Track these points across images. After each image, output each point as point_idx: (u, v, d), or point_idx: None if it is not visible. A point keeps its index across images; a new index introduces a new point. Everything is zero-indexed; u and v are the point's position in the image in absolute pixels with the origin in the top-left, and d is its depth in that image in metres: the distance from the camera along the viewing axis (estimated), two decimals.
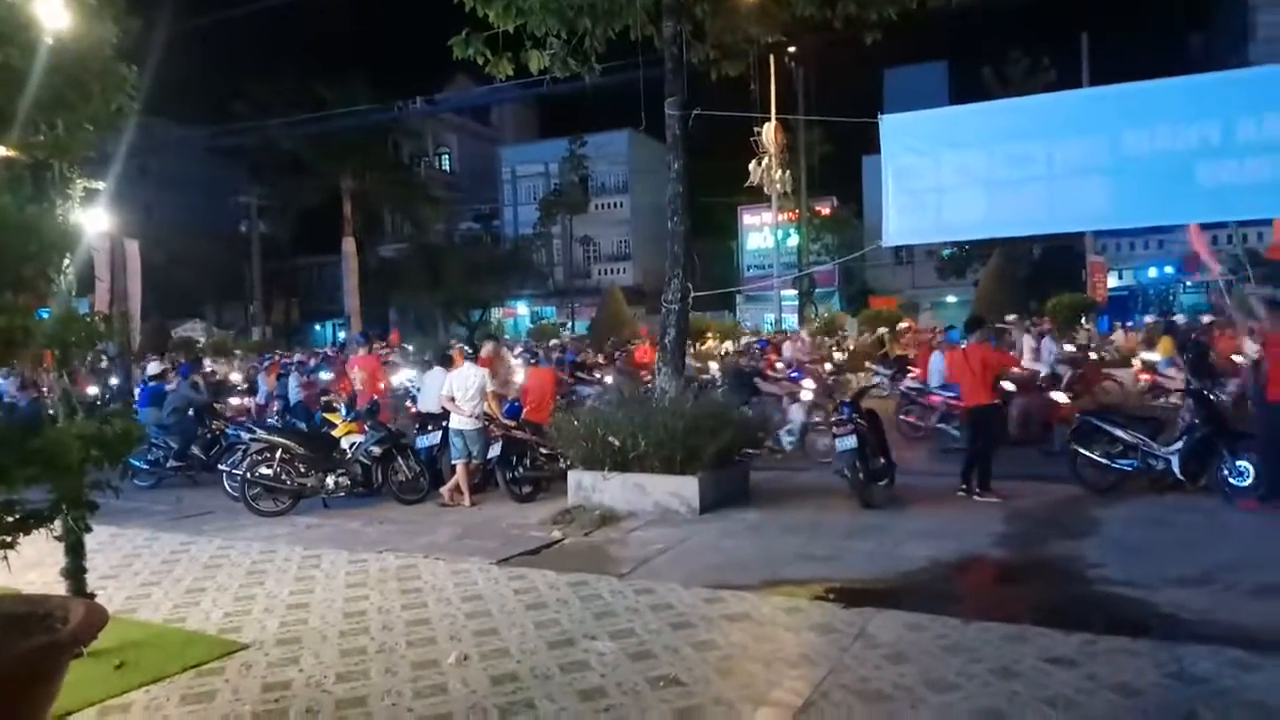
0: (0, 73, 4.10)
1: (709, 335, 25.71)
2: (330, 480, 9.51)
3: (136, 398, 12.84)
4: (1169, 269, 31.95)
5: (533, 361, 11.59)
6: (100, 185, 5.31)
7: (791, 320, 30.43)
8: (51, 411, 5.20)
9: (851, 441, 8.63)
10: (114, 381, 14.61)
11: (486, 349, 11.22)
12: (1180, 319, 19.19)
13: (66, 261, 4.33)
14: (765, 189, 25.83)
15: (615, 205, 43.48)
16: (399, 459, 9.84)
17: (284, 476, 9.36)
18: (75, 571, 5.08)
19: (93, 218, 6.02)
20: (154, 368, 14.08)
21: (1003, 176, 9.45)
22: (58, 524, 3.96)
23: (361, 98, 29.64)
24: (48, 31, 4.58)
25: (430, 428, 10.27)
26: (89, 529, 4.46)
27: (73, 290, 4.92)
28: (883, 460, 8.97)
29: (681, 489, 8.45)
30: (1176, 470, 8.43)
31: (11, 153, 4.81)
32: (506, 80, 10.67)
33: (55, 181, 4.91)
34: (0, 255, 3.79)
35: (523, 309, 44.03)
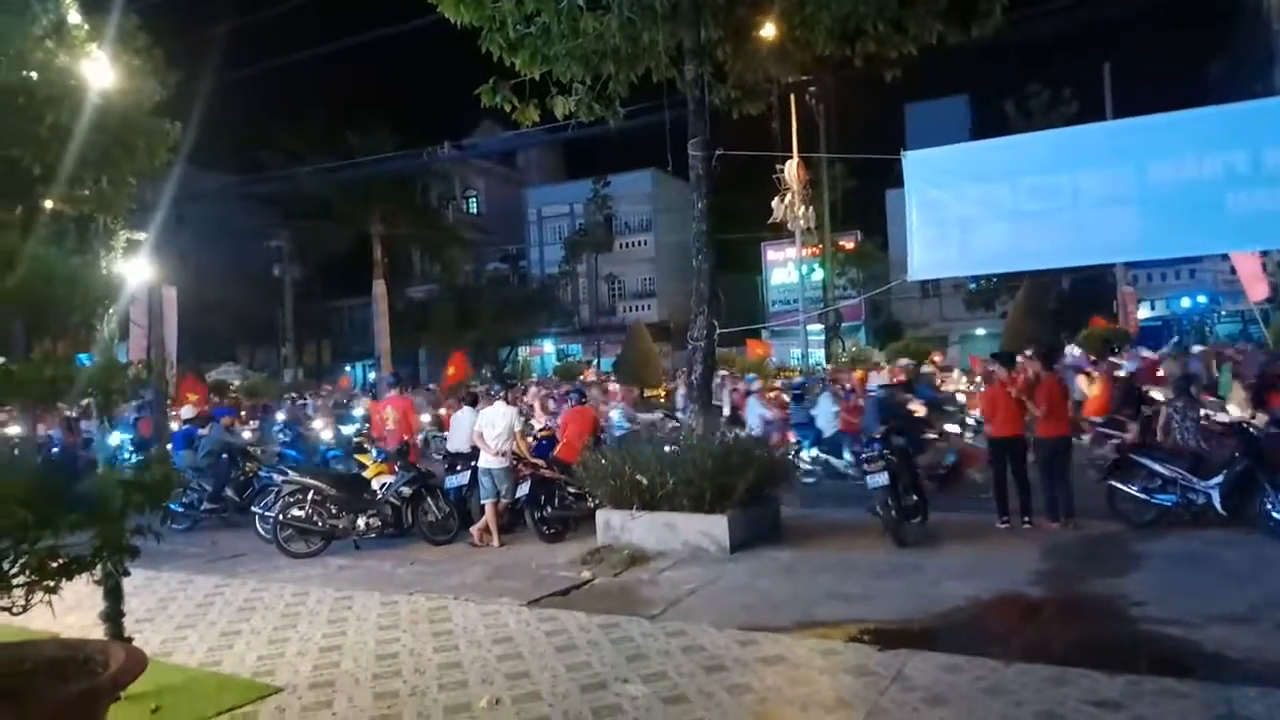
0: (50, 132, 4.27)
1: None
2: (361, 521, 9.57)
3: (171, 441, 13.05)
4: (1202, 298, 31.44)
5: (579, 400, 11.68)
6: (141, 236, 5.47)
7: (818, 355, 30.30)
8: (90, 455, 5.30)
9: (884, 479, 8.54)
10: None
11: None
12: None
13: (110, 311, 4.46)
14: (789, 225, 25.88)
15: (640, 243, 43.76)
16: (428, 499, 9.88)
17: (315, 518, 9.43)
18: (113, 615, 5.15)
19: (134, 268, 6.19)
20: (188, 411, 14.31)
21: (1028, 209, 9.44)
22: (97, 568, 4.03)
23: (391, 144, 30.22)
24: (94, 91, 4.78)
25: (459, 468, 10.33)
26: (127, 573, 4.52)
27: (114, 338, 5.05)
28: (915, 497, 8.87)
29: (711, 528, 8.40)
30: (1218, 504, 8.24)
31: (59, 207, 4.99)
32: (533, 126, 10.87)
33: (99, 234, 5.08)
34: (47, 307, 3.92)
35: (549, 347, 44.23)
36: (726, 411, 15.92)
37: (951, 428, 12.40)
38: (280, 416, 17.36)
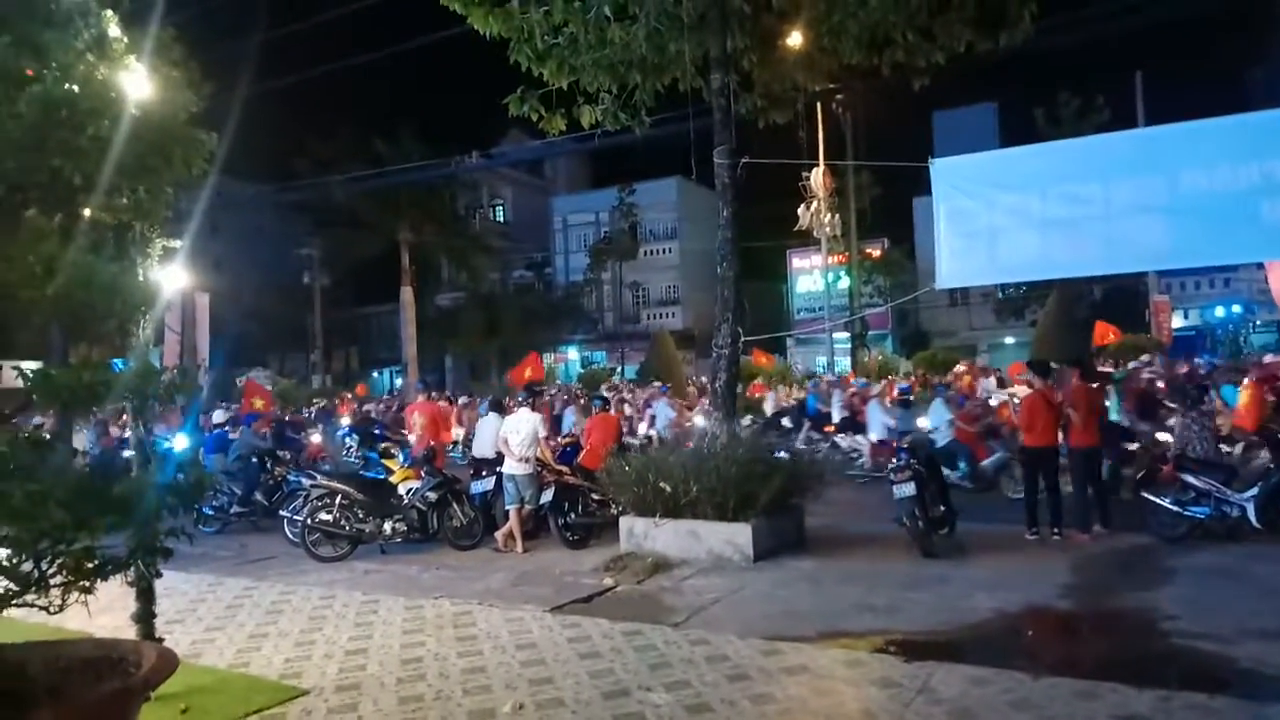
0: (90, 143, 4.37)
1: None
2: (387, 526, 9.65)
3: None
4: (1237, 308, 30.86)
5: (603, 407, 11.74)
6: (178, 244, 5.59)
7: (844, 363, 30.14)
8: (128, 454, 5.41)
9: (910, 489, 8.47)
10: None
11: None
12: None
13: (145, 317, 4.56)
14: (815, 232, 25.78)
15: (664, 251, 43.88)
16: (454, 505, 9.94)
17: (342, 522, 9.52)
18: (145, 616, 5.24)
19: (170, 275, 6.32)
20: (219, 416, 14.53)
21: (1057, 217, 9.34)
22: (131, 569, 4.10)
23: (419, 154, 30.58)
24: (133, 102, 4.89)
25: (484, 473, 10.39)
26: (159, 575, 4.61)
27: (150, 344, 5.16)
28: (943, 508, 8.80)
29: (735, 536, 8.38)
30: (1253, 517, 8.09)
31: (97, 215, 5.11)
32: (560, 135, 10.94)
33: (136, 241, 5.19)
34: (85, 313, 4.02)
35: (573, 354, 44.43)
36: (837, 418, 15.63)
37: (1163, 436, 11.06)
38: (345, 422, 17.48)
